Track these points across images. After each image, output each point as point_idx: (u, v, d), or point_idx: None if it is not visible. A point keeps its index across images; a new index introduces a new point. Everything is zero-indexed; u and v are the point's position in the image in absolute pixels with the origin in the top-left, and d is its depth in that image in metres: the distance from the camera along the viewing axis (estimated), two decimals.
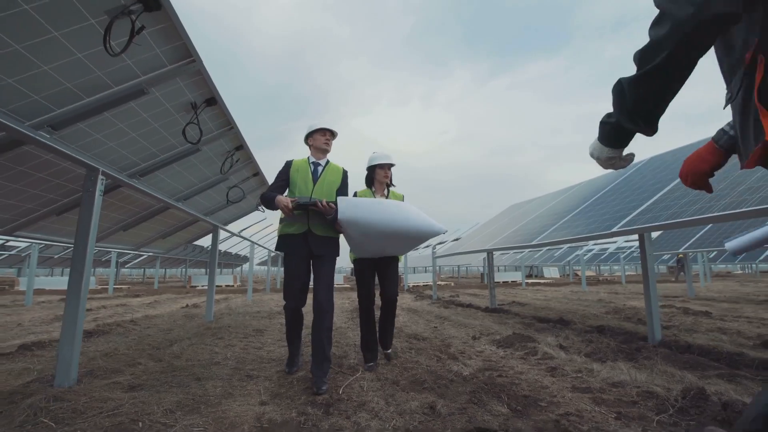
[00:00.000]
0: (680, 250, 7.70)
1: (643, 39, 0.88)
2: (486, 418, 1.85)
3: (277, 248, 2.60)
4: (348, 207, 2.43)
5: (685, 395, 1.96)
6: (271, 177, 4.53)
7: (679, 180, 3.62)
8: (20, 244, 13.85)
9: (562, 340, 3.64)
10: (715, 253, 17.80)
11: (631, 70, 0.92)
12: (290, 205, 2.40)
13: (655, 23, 0.83)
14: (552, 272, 28.93)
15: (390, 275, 3.00)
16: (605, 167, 1.13)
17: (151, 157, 3.03)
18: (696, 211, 2.93)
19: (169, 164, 3.21)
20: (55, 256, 15.95)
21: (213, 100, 2.77)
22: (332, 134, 2.72)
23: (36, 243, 7.97)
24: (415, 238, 2.62)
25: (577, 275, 24.84)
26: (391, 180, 3.06)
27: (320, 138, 2.67)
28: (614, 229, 3.37)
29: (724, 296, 8.49)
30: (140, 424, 1.82)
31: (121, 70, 2.13)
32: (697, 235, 7.83)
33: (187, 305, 7.66)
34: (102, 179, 2.53)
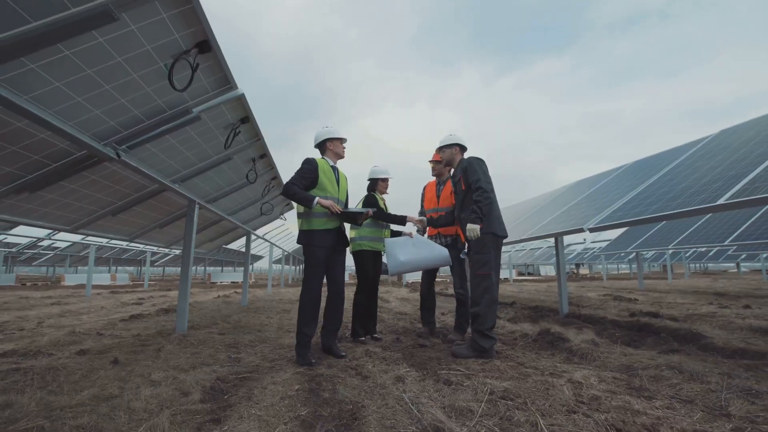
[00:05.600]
0: (629, 249, 9.20)
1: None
2: (425, 343, 3.40)
3: (312, 242, 2.78)
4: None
5: (539, 332, 3.51)
6: (284, 175, 6.02)
7: (588, 194, 5.14)
8: (60, 244, 15.56)
9: (502, 313, 5.18)
10: (692, 251, 19.14)
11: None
12: (337, 210, 2.76)
13: (482, 190, 2.81)
14: (548, 270, 30.51)
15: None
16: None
17: (221, 189, 4.62)
18: (597, 221, 4.42)
19: (231, 193, 4.80)
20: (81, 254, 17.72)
21: (264, 156, 4.35)
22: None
23: (93, 244, 9.62)
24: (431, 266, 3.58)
25: (574, 273, 26.45)
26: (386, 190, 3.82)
27: (340, 145, 2.98)
28: (529, 235, 4.89)
29: (668, 289, 9.96)
30: (239, 345, 3.39)
31: (222, 153, 3.70)
32: (645, 236, 9.30)
33: (219, 296, 9.26)
34: (197, 207, 4.13)
